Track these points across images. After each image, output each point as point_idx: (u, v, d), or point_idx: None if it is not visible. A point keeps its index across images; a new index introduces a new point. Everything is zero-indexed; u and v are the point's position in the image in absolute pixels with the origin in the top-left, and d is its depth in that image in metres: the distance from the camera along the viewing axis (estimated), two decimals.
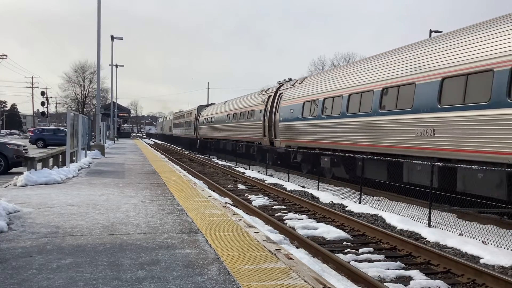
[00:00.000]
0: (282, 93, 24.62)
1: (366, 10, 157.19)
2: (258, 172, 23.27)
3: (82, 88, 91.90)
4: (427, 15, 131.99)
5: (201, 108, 50.91)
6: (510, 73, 10.05)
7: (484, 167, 10.12)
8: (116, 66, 53.90)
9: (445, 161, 11.73)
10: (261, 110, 27.18)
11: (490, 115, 10.47)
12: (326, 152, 17.85)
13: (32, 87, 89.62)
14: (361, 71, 16.70)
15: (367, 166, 14.46)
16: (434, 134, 12.20)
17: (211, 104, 50.86)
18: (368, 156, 14.47)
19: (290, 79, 26.12)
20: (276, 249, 5.82)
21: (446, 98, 11.89)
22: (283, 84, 25.92)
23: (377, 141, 14.92)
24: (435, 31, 31.87)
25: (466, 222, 9.95)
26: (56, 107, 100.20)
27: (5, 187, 12.04)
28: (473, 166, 10.28)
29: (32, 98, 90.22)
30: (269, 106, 26.05)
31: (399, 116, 13.75)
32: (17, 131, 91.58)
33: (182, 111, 77.12)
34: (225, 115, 36.83)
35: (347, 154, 16.19)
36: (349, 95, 16.84)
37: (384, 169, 14.15)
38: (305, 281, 4.56)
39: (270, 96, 26.49)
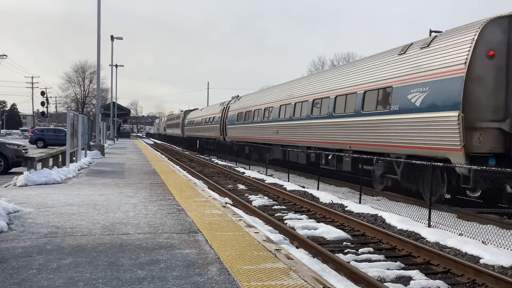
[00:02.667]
0: (229, 106, 36.28)
1: (366, 9, 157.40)
2: (258, 172, 23.28)
3: (82, 88, 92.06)
4: (428, 14, 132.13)
5: (187, 112, 61.49)
6: (279, 108, 24.42)
7: (294, 149, 21.59)
8: (116, 66, 53.89)
9: (285, 147, 22.81)
10: (219, 117, 38.48)
11: (308, 123, 20.41)
12: (244, 144, 29.91)
13: (32, 87, 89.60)
14: (260, 97, 29.69)
15: (258, 151, 27.09)
16: (278, 133, 24.16)
17: (195, 109, 60.85)
18: (267, 146, 25.02)
19: (237, 96, 37.31)
20: (276, 249, 5.82)
21: (281, 114, 24.13)
22: (233, 99, 37.50)
23: (265, 136, 26.49)
24: (435, 31, 31.76)
25: (466, 222, 9.95)
26: (56, 107, 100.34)
27: (5, 187, 12.04)
28: (294, 150, 21.65)
29: (32, 98, 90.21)
30: (223, 114, 37.40)
31: (268, 123, 26.04)
32: (4, 131, 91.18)
33: (173, 113, 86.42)
34: (200, 119, 47.76)
35: (257, 145, 27.36)
36: (254, 110, 29.20)
37: (280, 152, 23.67)
38: (305, 281, 4.56)
39: (224, 107, 37.94)
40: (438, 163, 11.04)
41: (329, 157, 17.84)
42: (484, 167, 9.99)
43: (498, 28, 11.30)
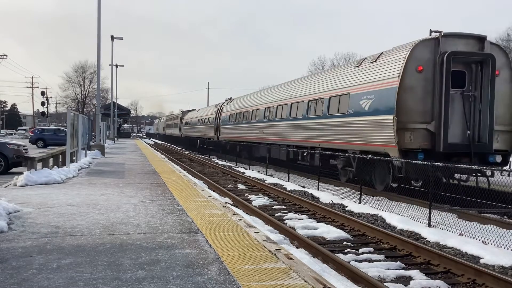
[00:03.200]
0: (223, 107, 39.36)
1: (366, 9, 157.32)
2: (258, 172, 23.28)
3: (82, 88, 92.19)
4: (428, 14, 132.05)
5: (184, 113, 64.59)
6: (264, 110, 27.10)
7: (277, 148, 23.97)
8: (116, 66, 53.94)
9: (270, 145, 25.00)
10: (214, 118, 41.15)
11: (288, 123, 23.05)
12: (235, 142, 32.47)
13: (32, 87, 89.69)
14: (249, 100, 32.20)
15: (247, 149, 28.86)
16: (263, 132, 26.73)
17: (192, 110, 62.90)
18: (255, 144, 27.68)
19: (230, 98, 40.15)
20: (276, 249, 5.82)
21: (265, 115, 26.79)
22: (226, 101, 40.63)
23: (252, 136, 28.81)
24: (435, 31, 31.77)
25: (466, 222, 9.95)
26: (56, 107, 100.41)
27: (5, 187, 12.04)
28: (277, 148, 24.01)
29: (32, 98, 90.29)
30: (217, 115, 40.00)
31: (255, 124, 28.63)
32: (5, 131, 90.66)
33: (172, 114, 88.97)
34: (197, 119, 50.92)
35: (248, 143, 29.62)
36: (244, 112, 31.93)
37: (265, 150, 25.20)
38: (305, 281, 4.56)
39: (218, 108, 40.64)
40: (374, 157, 13.91)
41: (304, 154, 20.65)
42: (409, 160, 12.48)
43: (426, 48, 13.77)
